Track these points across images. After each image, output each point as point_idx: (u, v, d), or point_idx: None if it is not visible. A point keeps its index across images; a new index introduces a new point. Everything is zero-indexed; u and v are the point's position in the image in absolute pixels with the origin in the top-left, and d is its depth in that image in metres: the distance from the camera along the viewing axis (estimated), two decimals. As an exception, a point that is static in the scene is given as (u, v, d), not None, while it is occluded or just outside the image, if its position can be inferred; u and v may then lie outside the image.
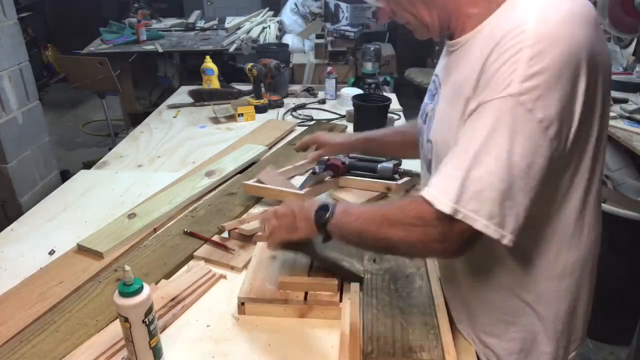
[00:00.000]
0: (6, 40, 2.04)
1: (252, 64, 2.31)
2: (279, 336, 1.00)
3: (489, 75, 0.71)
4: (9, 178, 2.05)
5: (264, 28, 4.18)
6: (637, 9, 2.33)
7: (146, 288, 0.87)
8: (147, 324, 0.87)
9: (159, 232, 1.37)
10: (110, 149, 2.03)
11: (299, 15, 4.39)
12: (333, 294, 1.05)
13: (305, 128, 2.11)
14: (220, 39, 4.00)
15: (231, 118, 2.23)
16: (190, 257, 1.25)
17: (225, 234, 1.32)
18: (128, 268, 0.85)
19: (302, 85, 2.72)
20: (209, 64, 2.52)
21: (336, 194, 1.52)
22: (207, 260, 1.24)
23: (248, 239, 1.28)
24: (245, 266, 1.20)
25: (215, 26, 4.41)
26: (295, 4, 4.43)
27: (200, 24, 4.48)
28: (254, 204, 1.51)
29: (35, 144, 2.21)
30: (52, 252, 1.30)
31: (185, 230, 1.34)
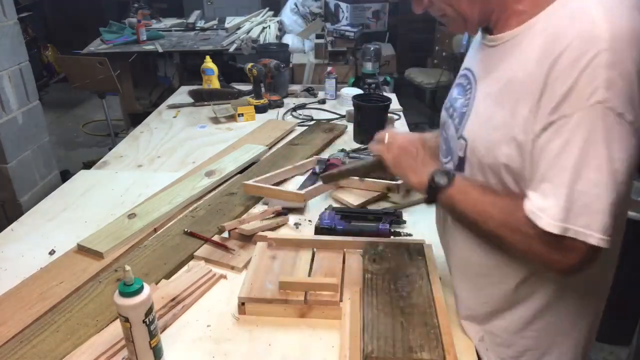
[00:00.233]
0: (6, 40, 2.04)
1: (252, 64, 2.31)
2: (279, 336, 1.00)
3: (567, 84, 0.68)
4: (9, 178, 2.04)
5: (264, 28, 4.18)
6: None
7: (146, 288, 0.87)
8: (148, 324, 0.87)
9: (159, 232, 1.37)
10: (110, 149, 2.03)
11: (299, 15, 4.38)
12: (333, 294, 1.05)
13: (305, 128, 2.11)
14: (220, 39, 4.00)
15: (231, 118, 2.23)
16: (191, 257, 1.26)
17: (226, 234, 1.32)
18: (128, 268, 0.86)
19: (302, 85, 2.71)
20: (209, 64, 2.52)
21: (336, 193, 1.52)
22: (208, 260, 1.24)
23: (248, 239, 1.28)
24: (246, 266, 1.20)
25: (215, 26, 4.41)
26: (295, 4, 4.42)
27: (200, 24, 4.48)
28: (254, 204, 1.51)
29: (35, 144, 2.20)
30: (52, 252, 1.30)
31: (186, 230, 1.34)
